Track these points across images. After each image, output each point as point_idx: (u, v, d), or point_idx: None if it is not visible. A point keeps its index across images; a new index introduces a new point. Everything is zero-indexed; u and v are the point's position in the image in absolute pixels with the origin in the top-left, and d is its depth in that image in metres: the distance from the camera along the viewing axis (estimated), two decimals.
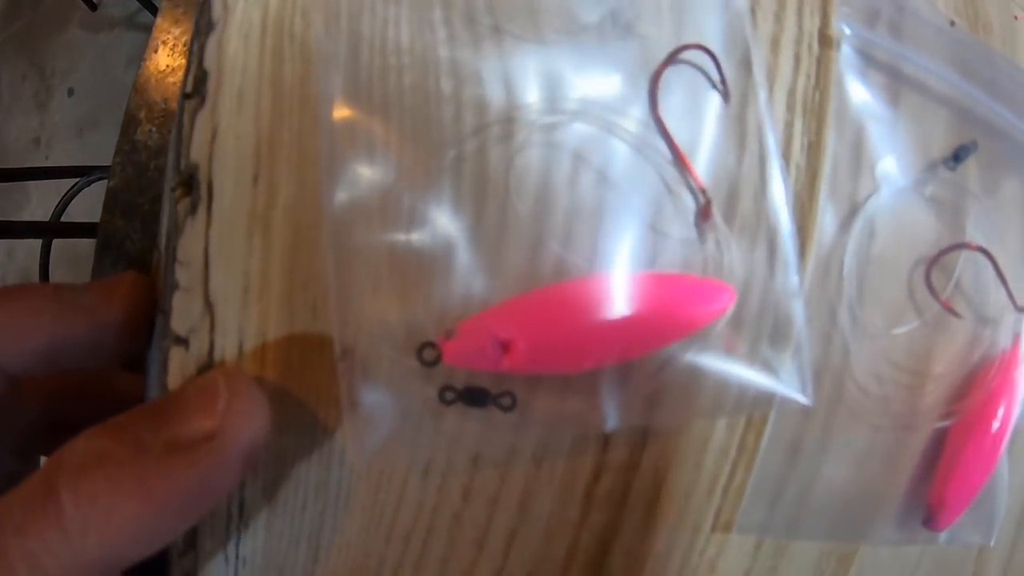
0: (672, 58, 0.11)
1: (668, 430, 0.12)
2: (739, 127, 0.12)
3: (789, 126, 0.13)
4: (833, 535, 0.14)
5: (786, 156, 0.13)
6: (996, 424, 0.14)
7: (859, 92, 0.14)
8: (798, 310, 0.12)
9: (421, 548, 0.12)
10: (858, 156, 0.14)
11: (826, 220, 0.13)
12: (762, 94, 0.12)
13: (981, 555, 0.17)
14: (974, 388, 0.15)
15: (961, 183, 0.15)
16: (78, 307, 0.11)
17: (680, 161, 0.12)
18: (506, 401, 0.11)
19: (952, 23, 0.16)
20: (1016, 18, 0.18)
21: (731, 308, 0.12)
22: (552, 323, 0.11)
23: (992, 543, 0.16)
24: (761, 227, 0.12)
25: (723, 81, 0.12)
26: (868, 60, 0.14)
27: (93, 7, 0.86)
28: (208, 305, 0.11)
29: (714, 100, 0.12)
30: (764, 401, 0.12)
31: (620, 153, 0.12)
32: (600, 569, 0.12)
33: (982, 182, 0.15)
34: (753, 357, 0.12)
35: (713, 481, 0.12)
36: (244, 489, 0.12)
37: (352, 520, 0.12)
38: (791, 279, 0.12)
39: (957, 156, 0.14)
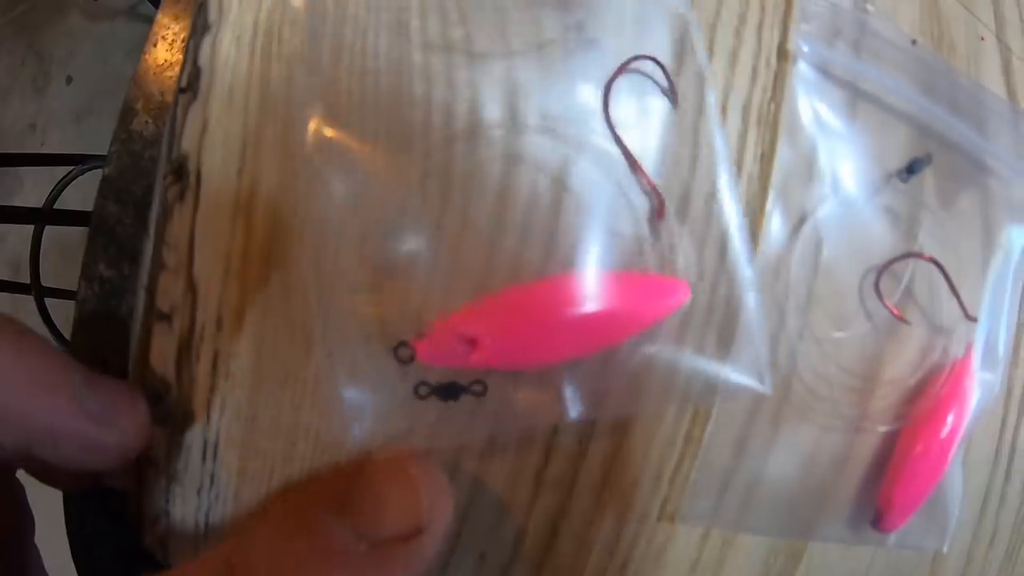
0: (623, 68, 0.13)
1: (622, 419, 0.13)
2: (692, 135, 0.13)
3: (743, 136, 0.14)
4: (780, 531, 0.15)
5: (739, 165, 0.14)
6: (945, 430, 0.15)
7: (816, 106, 0.15)
8: (751, 302, 0.13)
9: None
10: (811, 168, 0.15)
11: (776, 227, 0.14)
12: (712, 104, 0.13)
13: (936, 562, 0.18)
14: (925, 394, 0.16)
15: (916, 195, 0.16)
16: (89, 414, 0.10)
17: (632, 165, 0.13)
18: (478, 388, 0.12)
19: (914, 42, 0.17)
20: (983, 39, 0.19)
21: (686, 302, 0.13)
22: (517, 321, 0.12)
23: (945, 549, 0.17)
24: (712, 227, 0.13)
25: (672, 90, 0.13)
26: (826, 75, 0.15)
27: None
28: (191, 285, 0.13)
29: (667, 108, 0.13)
30: (719, 391, 0.13)
31: (578, 161, 0.13)
32: (549, 552, 0.14)
33: (938, 194, 0.17)
34: (705, 349, 0.13)
35: (659, 471, 0.14)
36: (217, 459, 0.13)
37: None
38: (744, 272, 0.13)
39: (910, 169, 0.16)
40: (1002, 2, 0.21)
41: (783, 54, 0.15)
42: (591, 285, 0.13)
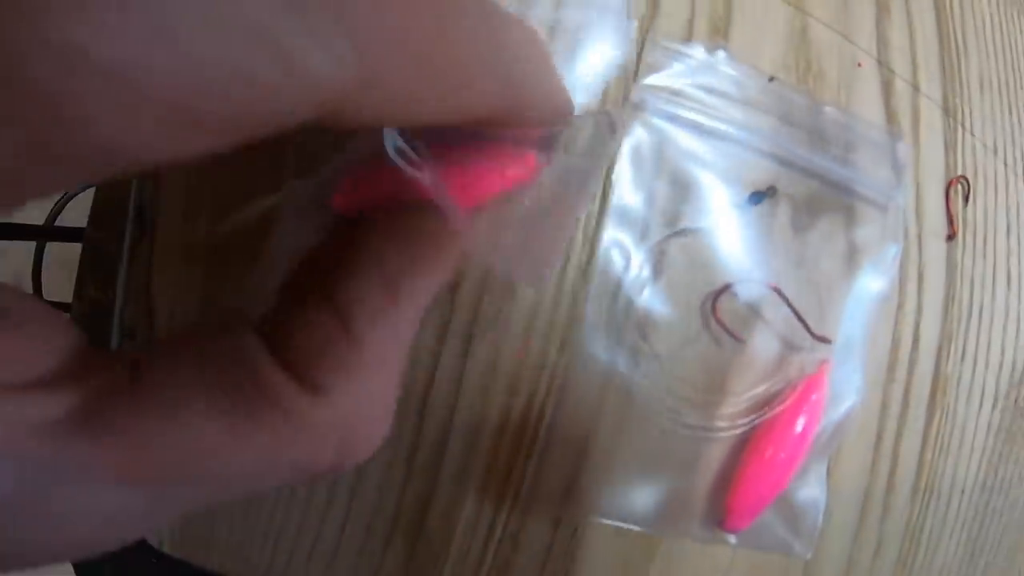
0: None
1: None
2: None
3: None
4: (632, 521, 0.17)
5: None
6: (790, 439, 0.17)
7: (663, 146, 0.17)
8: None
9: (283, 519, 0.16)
10: (654, 201, 0.17)
11: (615, 254, 0.16)
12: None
13: (810, 567, 0.20)
14: (773, 405, 0.18)
15: (768, 221, 0.18)
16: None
17: None
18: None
19: (772, 79, 0.19)
20: (860, 65, 0.21)
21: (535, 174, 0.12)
22: None
23: (808, 555, 0.19)
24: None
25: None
26: (673, 119, 0.18)
27: None
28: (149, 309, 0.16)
29: None
30: None
31: None
32: (422, 528, 0.16)
33: (793, 222, 0.18)
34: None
35: (510, 463, 0.16)
36: None
37: None
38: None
39: (753, 199, 0.17)
40: (888, 25, 0.22)
41: (628, 104, 0.17)
42: None
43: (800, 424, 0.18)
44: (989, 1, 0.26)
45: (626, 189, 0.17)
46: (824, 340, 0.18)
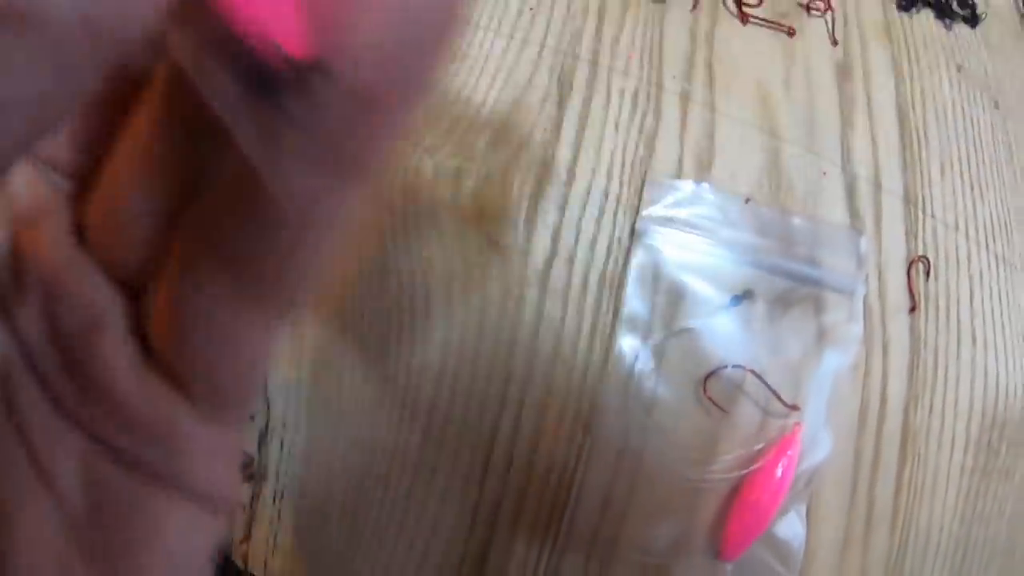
0: None
1: None
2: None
3: (598, 298, 0.23)
4: (648, 555, 0.24)
5: (594, 319, 0.23)
6: (771, 485, 0.24)
7: (659, 261, 0.24)
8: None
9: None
10: (667, 304, 0.24)
11: (626, 352, 0.23)
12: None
13: None
14: (756, 460, 0.24)
15: (747, 316, 0.25)
16: None
17: None
18: None
19: (747, 200, 0.25)
20: (824, 174, 0.27)
21: None
22: None
23: None
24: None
25: None
26: (667, 239, 0.24)
27: None
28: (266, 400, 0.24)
29: None
30: None
31: None
32: (484, 565, 0.23)
33: (768, 313, 0.25)
34: None
35: (551, 515, 0.23)
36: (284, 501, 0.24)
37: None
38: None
39: (733, 302, 0.24)
40: (852, 135, 0.28)
41: (633, 233, 0.24)
42: None
43: (779, 473, 0.24)
44: (951, 87, 0.32)
45: (633, 301, 0.23)
46: (795, 408, 0.24)
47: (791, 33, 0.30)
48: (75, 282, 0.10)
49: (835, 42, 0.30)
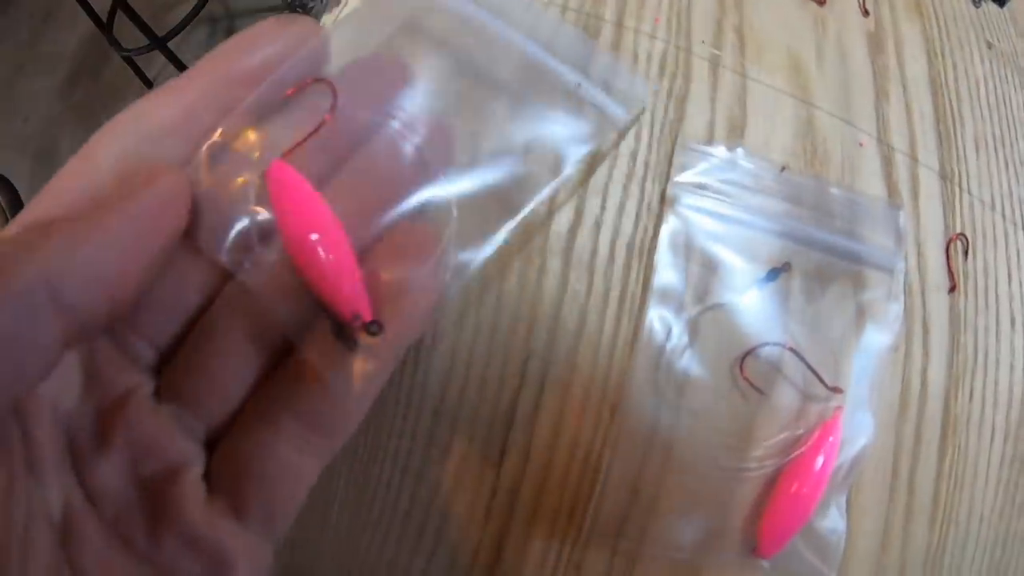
0: None
1: None
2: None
3: (627, 267, 0.22)
4: (678, 551, 0.22)
5: (623, 287, 0.22)
6: (812, 474, 0.22)
7: (692, 232, 0.23)
8: None
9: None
10: (686, 279, 0.22)
11: (657, 327, 0.22)
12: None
13: None
14: (795, 447, 0.23)
15: (784, 291, 0.23)
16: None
17: None
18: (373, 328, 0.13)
19: (783, 168, 0.24)
20: (862, 144, 0.26)
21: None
22: None
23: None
24: None
25: None
26: (699, 209, 0.23)
27: (148, 84, 1.04)
28: None
29: None
30: None
31: None
32: (499, 561, 0.21)
33: (804, 290, 0.23)
34: None
35: (573, 505, 0.21)
36: None
37: None
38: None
39: (770, 275, 0.23)
40: (887, 107, 0.27)
41: (663, 199, 0.22)
42: None
43: (819, 462, 0.22)
44: (982, 64, 0.31)
45: (665, 271, 0.22)
46: (837, 390, 0.23)
47: (821, 2, 0.29)
48: (164, 438, 0.13)
49: (866, 13, 0.29)
